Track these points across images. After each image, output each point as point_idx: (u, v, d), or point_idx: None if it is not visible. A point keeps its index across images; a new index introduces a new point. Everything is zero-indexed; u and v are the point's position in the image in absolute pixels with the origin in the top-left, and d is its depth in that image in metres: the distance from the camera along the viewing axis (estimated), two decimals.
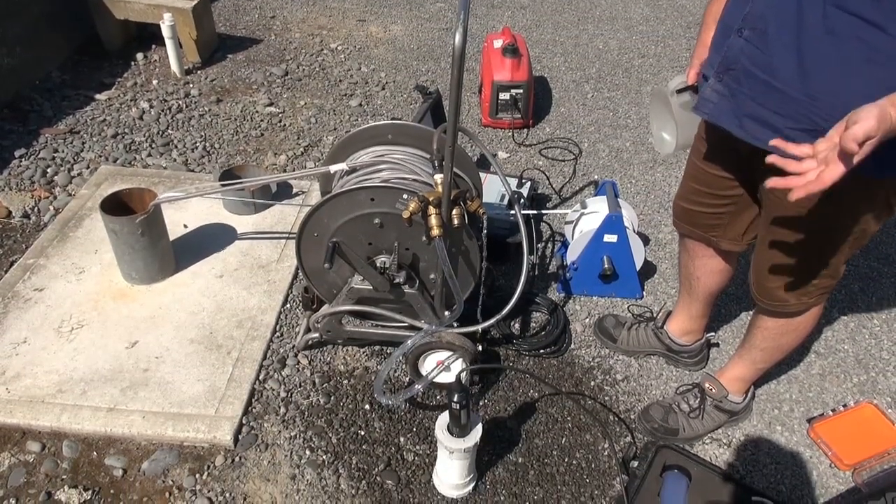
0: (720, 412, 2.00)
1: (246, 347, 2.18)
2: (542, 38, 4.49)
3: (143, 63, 3.85)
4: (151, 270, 2.36)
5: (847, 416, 2.09)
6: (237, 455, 1.91)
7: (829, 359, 2.31)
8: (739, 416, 2.04)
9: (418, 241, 1.92)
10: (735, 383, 1.99)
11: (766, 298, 1.73)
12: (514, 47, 3.36)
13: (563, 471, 1.92)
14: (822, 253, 1.59)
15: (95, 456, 1.89)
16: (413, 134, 2.05)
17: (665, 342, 2.21)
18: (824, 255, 1.59)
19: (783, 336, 1.82)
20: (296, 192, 2.88)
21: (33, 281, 2.37)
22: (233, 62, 3.98)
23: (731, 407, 1.99)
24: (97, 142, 3.17)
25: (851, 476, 1.94)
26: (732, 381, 1.99)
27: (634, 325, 2.28)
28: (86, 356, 2.11)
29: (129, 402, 1.98)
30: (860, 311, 2.50)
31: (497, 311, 1.85)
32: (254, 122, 3.43)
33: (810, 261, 1.60)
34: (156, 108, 3.43)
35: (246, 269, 2.48)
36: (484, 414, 2.06)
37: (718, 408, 2.00)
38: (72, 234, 2.58)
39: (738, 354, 1.97)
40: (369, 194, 1.84)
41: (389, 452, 1.94)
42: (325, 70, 3.97)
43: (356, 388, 2.11)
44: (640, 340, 2.25)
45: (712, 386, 1.99)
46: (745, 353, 1.93)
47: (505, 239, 2.50)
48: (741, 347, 1.95)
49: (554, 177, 3.13)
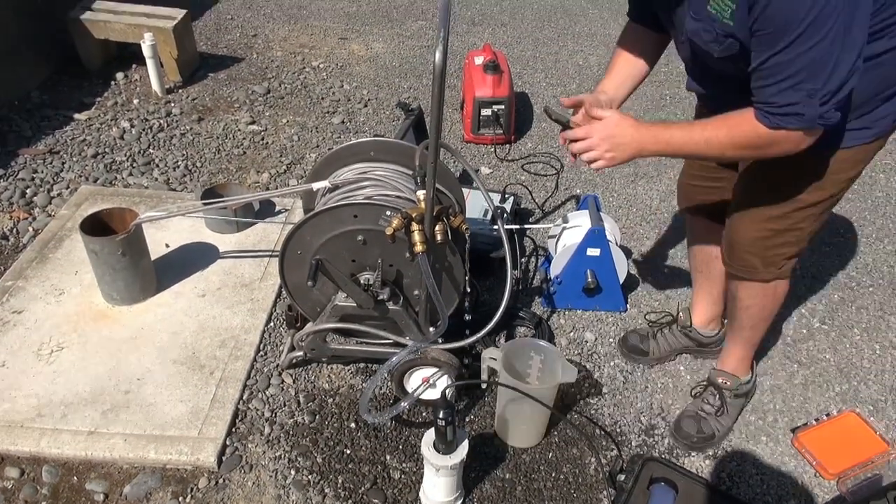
0: (739, 398, 2.08)
1: (229, 367, 2.16)
2: (523, 54, 4.53)
3: (123, 82, 3.83)
4: (133, 291, 2.33)
5: (830, 425, 2.10)
6: (221, 476, 1.88)
7: (811, 368, 2.33)
8: (751, 393, 2.12)
9: (402, 257, 1.92)
10: (740, 365, 2.07)
11: (735, 263, 1.84)
12: (495, 64, 3.39)
13: (550, 486, 1.91)
14: (785, 220, 1.70)
15: (76, 481, 1.85)
16: (395, 151, 2.06)
17: (695, 338, 2.27)
18: (786, 222, 1.70)
19: (764, 309, 1.91)
20: (279, 210, 2.87)
21: (12, 303, 2.33)
22: (214, 81, 3.97)
23: (745, 389, 2.07)
24: (77, 162, 3.15)
25: (836, 485, 1.95)
26: (737, 365, 2.06)
27: (658, 332, 2.32)
28: (66, 379, 2.08)
29: (111, 425, 1.95)
30: (841, 321, 2.53)
31: (482, 326, 1.85)
32: (236, 140, 3.43)
33: (774, 228, 1.72)
34: (137, 128, 3.41)
35: (229, 287, 2.46)
36: (470, 430, 2.05)
37: (737, 395, 2.06)
38: (51, 255, 2.55)
39: (730, 339, 2.05)
40: (352, 211, 1.84)
41: (376, 471, 1.92)
42: (308, 88, 3.98)
43: (341, 407, 2.10)
44: (670, 345, 2.29)
45: (725, 379, 2.05)
46: (735, 335, 2.02)
47: (489, 254, 2.51)
48: (731, 331, 2.04)
49: (536, 191, 3.14)
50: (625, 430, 2.09)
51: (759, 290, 1.86)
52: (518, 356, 2.00)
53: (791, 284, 1.88)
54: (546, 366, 1.98)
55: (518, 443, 2.00)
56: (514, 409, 1.92)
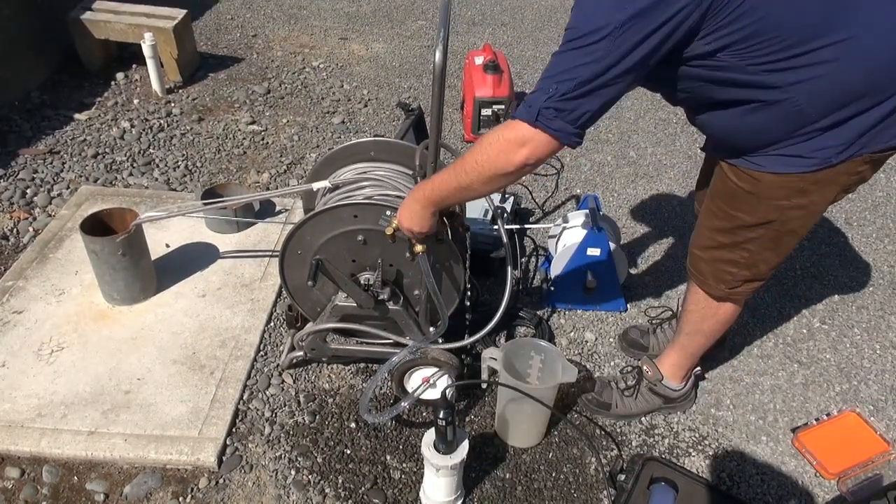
0: (654, 395, 2.08)
1: (229, 367, 2.16)
2: (523, 54, 4.53)
3: (123, 82, 3.84)
4: (133, 291, 2.34)
5: (831, 425, 2.10)
6: (221, 477, 1.88)
7: (811, 368, 2.33)
8: (677, 403, 2.12)
9: (402, 257, 1.92)
10: (671, 369, 2.06)
11: (693, 268, 1.84)
12: (495, 64, 3.39)
13: (550, 486, 1.91)
14: (729, 235, 1.68)
15: (76, 481, 1.86)
16: (396, 150, 2.06)
17: None
18: (731, 237, 1.68)
19: (704, 321, 1.90)
20: (279, 210, 2.87)
21: (12, 303, 2.33)
22: (214, 81, 3.98)
23: (665, 392, 2.07)
24: (77, 162, 3.15)
25: (836, 485, 1.95)
26: (668, 367, 2.06)
27: (658, 327, 2.32)
28: (66, 379, 2.08)
29: (111, 425, 1.95)
30: (840, 321, 2.53)
31: (482, 326, 1.85)
32: (236, 140, 3.43)
33: (721, 240, 1.71)
34: (137, 128, 3.42)
35: (229, 288, 2.46)
36: (470, 430, 2.05)
37: (652, 390, 2.07)
38: (52, 255, 2.55)
39: (671, 342, 2.06)
40: (352, 211, 1.84)
41: (376, 471, 1.92)
42: (308, 88, 3.98)
43: (341, 407, 2.10)
44: (669, 340, 2.27)
45: (649, 369, 2.06)
46: (675, 339, 2.03)
47: (489, 254, 2.51)
48: (675, 335, 2.04)
49: (537, 191, 3.14)
50: (625, 429, 2.09)
51: (703, 301, 1.85)
52: (518, 356, 2.00)
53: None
54: (546, 366, 1.98)
55: (518, 442, 2.00)
56: (514, 408, 1.92)
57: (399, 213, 1.72)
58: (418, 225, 1.70)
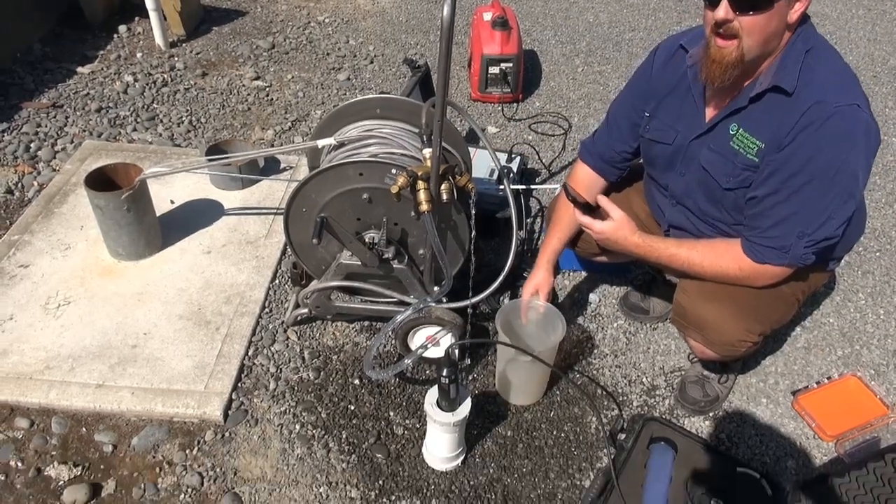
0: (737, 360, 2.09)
1: (235, 323, 2.17)
2: (532, 10, 4.44)
3: (126, 36, 3.78)
4: (138, 246, 2.34)
5: (831, 388, 2.11)
6: (227, 430, 1.91)
7: (814, 332, 2.33)
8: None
9: (407, 216, 1.91)
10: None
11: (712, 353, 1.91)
12: (503, 20, 3.32)
13: (551, 443, 1.94)
14: (765, 332, 1.81)
15: (85, 432, 1.89)
16: (402, 108, 2.03)
17: None
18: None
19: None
20: (283, 168, 2.85)
21: (18, 257, 2.34)
22: (218, 35, 3.91)
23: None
24: (81, 116, 3.12)
25: (834, 447, 1.97)
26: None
27: (654, 286, 2.31)
28: (73, 333, 2.10)
29: (118, 379, 1.98)
30: (845, 285, 2.52)
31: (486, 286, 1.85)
32: (240, 96, 3.39)
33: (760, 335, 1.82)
34: (140, 82, 3.38)
35: (234, 244, 2.47)
36: (473, 388, 2.07)
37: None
38: (57, 209, 2.55)
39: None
40: (358, 169, 1.83)
41: (379, 427, 1.95)
42: (313, 43, 3.92)
43: (345, 364, 2.12)
44: (669, 299, 2.27)
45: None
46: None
47: (494, 214, 2.49)
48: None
49: (543, 152, 3.11)
50: (626, 390, 2.11)
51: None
52: (517, 316, 2.00)
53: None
54: (546, 324, 1.98)
55: (519, 400, 2.02)
56: (514, 367, 1.93)
57: (610, 228, 1.75)
58: (613, 246, 1.82)
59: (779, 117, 1.53)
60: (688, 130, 1.74)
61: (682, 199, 1.85)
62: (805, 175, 1.50)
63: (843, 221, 1.55)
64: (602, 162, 1.99)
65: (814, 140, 1.48)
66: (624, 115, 1.91)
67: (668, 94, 1.77)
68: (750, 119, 1.60)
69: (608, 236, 1.78)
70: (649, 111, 1.82)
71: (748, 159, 1.60)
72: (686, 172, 1.78)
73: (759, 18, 1.43)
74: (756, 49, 1.49)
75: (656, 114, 1.81)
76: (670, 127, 1.78)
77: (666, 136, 1.79)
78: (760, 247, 1.61)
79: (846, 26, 4.50)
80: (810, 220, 1.55)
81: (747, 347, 1.78)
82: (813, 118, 1.48)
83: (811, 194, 1.52)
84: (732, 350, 1.79)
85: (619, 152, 1.95)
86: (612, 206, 1.77)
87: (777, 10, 1.43)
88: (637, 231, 1.77)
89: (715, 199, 1.74)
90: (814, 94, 1.49)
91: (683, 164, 1.78)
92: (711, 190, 1.73)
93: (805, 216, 1.54)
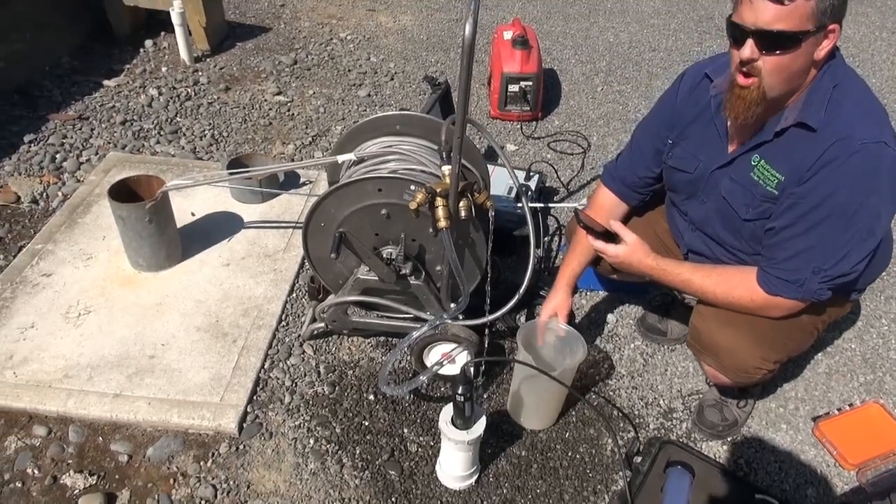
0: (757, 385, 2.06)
1: (252, 336, 2.18)
2: (553, 29, 4.46)
3: (152, 50, 3.85)
4: (158, 257, 2.36)
5: (853, 415, 2.08)
6: (241, 443, 1.91)
7: (835, 357, 2.29)
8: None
9: (425, 232, 1.91)
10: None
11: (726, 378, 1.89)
12: (524, 39, 3.34)
13: (566, 465, 1.92)
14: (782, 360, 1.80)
15: (101, 441, 1.90)
16: (421, 125, 2.04)
17: None
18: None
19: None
20: (303, 182, 2.87)
21: (41, 266, 2.38)
22: (242, 50, 3.97)
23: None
24: (106, 128, 3.18)
25: (856, 476, 1.93)
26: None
27: (672, 308, 2.29)
28: (92, 342, 2.12)
29: (135, 389, 1.99)
30: (868, 311, 2.48)
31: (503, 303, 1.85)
32: (262, 110, 3.43)
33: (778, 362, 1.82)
34: (164, 96, 3.43)
35: (253, 257, 2.48)
36: (488, 407, 2.06)
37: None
38: (80, 220, 2.59)
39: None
40: (377, 185, 1.84)
41: (393, 443, 1.94)
42: (335, 59, 3.96)
43: (360, 379, 2.12)
44: (686, 320, 2.26)
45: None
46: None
47: (512, 232, 2.49)
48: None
49: (562, 170, 3.11)
50: (642, 412, 2.08)
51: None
52: (536, 336, 1.99)
53: None
54: (565, 347, 1.97)
55: (530, 424, 2.00)
56: (528, 389, 1.92)
57: (624, 252, 1.76)
58: (628, 269, 1.82)
59: (802, 152, 1.51)
60: (710, 160, 1.73)
61: (702, 226, 1.84)
62: (824, 210, 1.48)
63: (861, 258, 1.52)
64: (624, 186, 1.99)
65: (836, 176, 1.46)
66: (648, 141, 1.91)
67: (692, 122, 1.77)
68: (772, 151, 1.58)
69: (622, 260, 1.77)
70: (673, 138, 1.82)
71: (767, 191, 1.59)
72: (707, 201, 1.78)
73: (784, 58, 1.41)
74: (779, 88, 1.47)
75: (679, 142, 1.80)
76: (693, 156, 1.77)
77: (688, 165, 1.78)
78: (775, 278, 1.59)
79: (869, 49, 4.47)
80: (827, 256, 1.52)
81: (762, 375, 1.75)
82: (837, 154, 1.45)
83: (829, 230, 1.49)
84: (747, 377, 1.76)
85: (642, 177, 1.94)
86: (626, 231, 1.76)
87: (804, 49, 1.41)
88: (651, 254, 1.76)
89: (734, 229, 1.73)
90: (839, 129, 1.46)
91: (704, 192, 1.77)
92: (730, 220, 1.71)
93: (822, 251, 1.52)
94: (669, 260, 1.79)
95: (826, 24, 1.40)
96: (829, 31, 1.42)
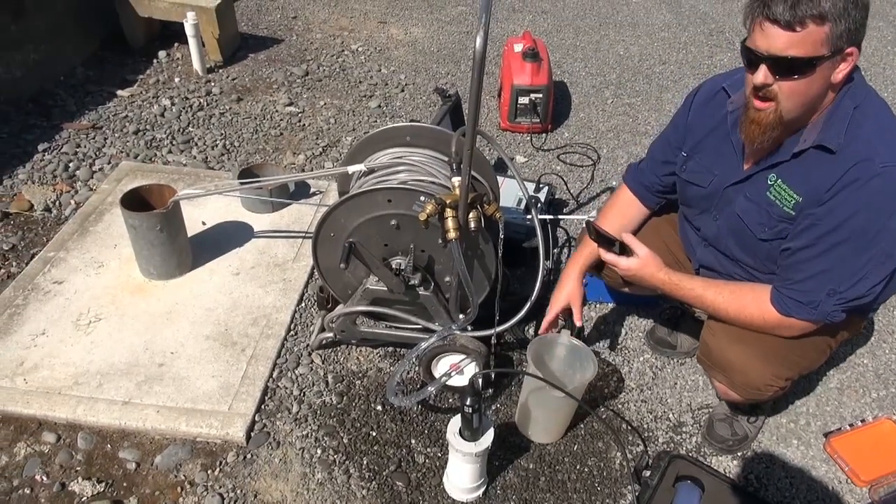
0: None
1: (260, 345, 2.19)
2: (563, 42, 4.48)
3: (165, 61, 3.89)
4: (169, 266, 2.38)
5: (865, 431, 2.05)
6: (249, 452, 1.91)
7: (847, 373, 2.27)
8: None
9: (434, 243, 1.92)
10: None
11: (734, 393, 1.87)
12: (534, 51, 3.35)
13: (574, 478, 1.91)
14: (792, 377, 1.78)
15: (109, 448, 1.90)
16: (432, 136, 2.05)
17: None
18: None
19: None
20: (313, 192, 2.89)
21: (53, 274, 2.40)
22: (254, 61, 4.01)
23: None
24: (119, 138, 3.20)
25: (868, 493, 1.91)
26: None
27: (682, 321, 2.28)
28: (102, 349, 2.13)
29: (144, 397, 2.00)
30: (880, 326, 2.46)
31: (511, 315, 1.84)
32: (273, 121, 3.45)
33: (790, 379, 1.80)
34: (177, 106, 3.46)
35: (262, 267, 2.49)
36: (496, 418, 2.05)
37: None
38: (92, 228, 2.61)
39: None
40: (387, 195, 1.85)
41: (400, 454, 1.94)
42: (346, 71, 3.99)
43: (368, 389, 2.11)
44: (696, 334, 2.24)
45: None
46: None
47: (521, 243, 2.49)
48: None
49: (572, 182, 3.11)
50: (652, 426, 2.07)
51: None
52: (548, 350, 1.98)
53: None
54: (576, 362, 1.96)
55: (538, 437, 1.99)
56: (537, 403, 1.91)
57: (636, 265, 1.76)
58: (639, 283, 1.82)
59: (820, 173, 1.49)
60: (725, 176, 1.71)
61: (715, 242, 1.83)
62: (842, 233, 1.46)
63: (878, 282, 1.50)
64: (642, 188, 2.00)
65: (855, 199, 1.44)
66: (659, 149, 1.92)
67: (706, 135, 1.75)
68: (789, 171, 1.57)
69: (634, 273, 1.77)
70: (686, 151, 1.81)
71: (784, 211, 1.57)
72: (720, 217, 1.77)
73: (799, 83, 1.40)
74: (795, 111, 1.46)
75: (693, 155, 1.79)
76: (707, 170, 1.76)
77: (702, 179, 1.77)
78: (788, 299, 1.58)
79: (881, 63, 4.46)
80: (843, 279, 1.51)
81: (773, 392, 1.74)
82: (857, 176, 1.43)
83: (847, 253, 1.48)
84: (758, 394, 1.75)
85: (656, 183, 1.96)
86: (638, 244, 1.76)
87: (819, 73, 1.39)
88: (664, 268, 1.76)
89: (750, 248, 1.71)
90: (860, 151, 1.44)
91: (717, 208, 1.76)
92: (746, 238, 1.70)
93: (838, 274, 1.50)
94: (682, 274, 1.78)
95: (843, 48, 1.38)
96: (846, 54, 1.40)
